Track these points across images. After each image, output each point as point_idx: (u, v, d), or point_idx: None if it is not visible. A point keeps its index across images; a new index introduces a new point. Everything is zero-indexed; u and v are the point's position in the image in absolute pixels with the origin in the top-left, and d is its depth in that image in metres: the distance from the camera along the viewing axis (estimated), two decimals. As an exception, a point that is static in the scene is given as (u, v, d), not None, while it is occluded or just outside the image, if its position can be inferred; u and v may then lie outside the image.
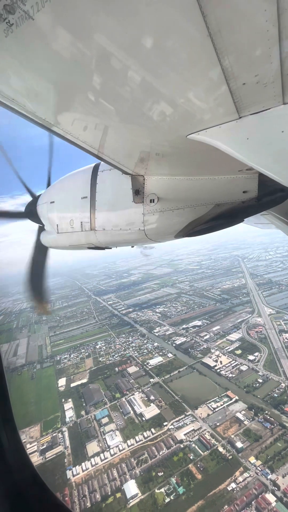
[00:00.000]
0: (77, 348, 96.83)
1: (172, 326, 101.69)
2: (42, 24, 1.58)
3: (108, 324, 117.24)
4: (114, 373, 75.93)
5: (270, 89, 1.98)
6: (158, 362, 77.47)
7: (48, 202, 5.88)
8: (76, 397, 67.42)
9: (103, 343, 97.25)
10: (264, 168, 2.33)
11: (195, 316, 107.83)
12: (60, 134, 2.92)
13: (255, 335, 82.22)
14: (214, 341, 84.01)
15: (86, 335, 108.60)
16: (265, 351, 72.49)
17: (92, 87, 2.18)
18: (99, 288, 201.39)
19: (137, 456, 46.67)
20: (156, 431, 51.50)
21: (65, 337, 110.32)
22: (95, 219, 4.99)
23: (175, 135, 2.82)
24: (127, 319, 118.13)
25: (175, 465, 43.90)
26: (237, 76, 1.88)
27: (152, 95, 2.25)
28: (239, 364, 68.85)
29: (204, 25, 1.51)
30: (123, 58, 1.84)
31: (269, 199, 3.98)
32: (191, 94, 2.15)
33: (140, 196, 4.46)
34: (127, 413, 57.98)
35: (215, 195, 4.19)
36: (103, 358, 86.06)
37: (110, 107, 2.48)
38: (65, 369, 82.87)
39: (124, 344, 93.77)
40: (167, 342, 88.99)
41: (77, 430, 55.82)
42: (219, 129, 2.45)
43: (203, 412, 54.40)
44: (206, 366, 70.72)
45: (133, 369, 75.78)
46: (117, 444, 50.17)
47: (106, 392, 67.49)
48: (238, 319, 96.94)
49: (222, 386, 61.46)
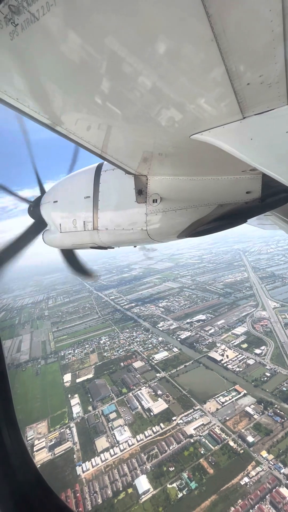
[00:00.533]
0: (81, 344, 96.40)
1: (176, 320, 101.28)
2: (48, 26, 1.61)
3: (111, 319, 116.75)
4: (120, 368, 75.56)
5: (274, 89, 1.96)
6: (163, 356, 77.10)
7: (51, 201, 5.87)
8: (82, 393, 67.04)
9: (107, 338, 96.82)
10: (267, 169, 2.31)
11: (198, 310, 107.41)
12: (64, 134, 2.90)
13: (261, 329, 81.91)
14: (219, 335, 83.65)
15: (89, 330, 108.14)
16: (271, 344, 72.19)
17: (96, 87, 2.20)
18: (100, 283, 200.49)
19: (147, 451, 46.36)
20: (165, 426, 51.20)
21: (68, 332, 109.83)
22: (98, 219, 4.96)
23: (179, 135, 2.80)
24: (130, 314, 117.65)
25: (186, 460, 43.63)
26: (241, 76, 1.87)
27: (155, 96, 2.23)
28: (246, 358, 68.52)
29: (208, 25, 1.51)
30: (127, 59, 1.84)
31: (273, 200, 3.93)
32: (195, 94, 2.14)
33: (143, 196, 4.41)
34: (135, 408, 57.65)
35: (218, 196, 4.14)
36: (107, 353, 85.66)
37: (113, 107, 2.46)
38: (70, 365, 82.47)
39: (129, 339, 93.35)
40: (172, 337, 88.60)
41: (85, 426, 55.48)
42: (222, 129, 2.42)
43: (212, 406, 54.10)
44: (212, 360, 70.41)
45: (138, 364, 75.41)
46: (126, 439, 49.87)
47: (112, 387, 67.13)
48: (242, 313, 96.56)
49: (229, 380, 61.16)
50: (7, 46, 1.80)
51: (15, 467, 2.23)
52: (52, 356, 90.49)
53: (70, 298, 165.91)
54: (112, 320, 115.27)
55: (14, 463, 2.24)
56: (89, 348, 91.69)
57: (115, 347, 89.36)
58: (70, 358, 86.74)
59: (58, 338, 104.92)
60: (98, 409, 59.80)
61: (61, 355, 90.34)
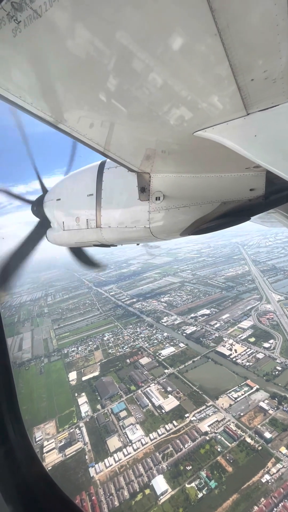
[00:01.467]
0: (84, 341, 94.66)
1: (180, 315, 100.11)
2: (50, 23, 1.61)
3: (113, 315, 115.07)
4: (126, 365, 74.14)
5: (279, 85, 1.95)
6: (170, 352, 75.87)
7: (55, 199, 5.87)
8: (89, 391, 65.51)
9: (111, 335, 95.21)
10: (272, 166, 2.28)
11: (202, 304, 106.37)
12: (66, 131, 2.87)
13: (267, 322, 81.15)
14: (225, 329, 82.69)
15: (91, 327, 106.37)
16: (279, 338, 71.45)
17: (99, 84, 2.18)
18: (99, 279, 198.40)
19: (161, 450, 45.16)
20: (178, 424, 50.03)
21: (70, 329, 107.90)
22: (100, 217, 4.97)
23: (182, 132, 2.77)
24: (132, 310, 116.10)
25: (203, 458, 42.54)
26: (245, 72, 1.85)
27: (159, 92, 2.21)
28: (255, 352, 67.64)
29: (212, 20, 1.50)
30: (130, 55, 1.83)
31: (277, 197, 3.89)
32: (198, 90, 2.13)
33: (145, 193, 4.40)
34: (145, 406, 56.36)
35: (222, 193, 4.11)
36: (112, 350, 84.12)
37: (116, 104, 2.45)
38: (74, 363, 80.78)
39: (133, 335, 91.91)
40: (177, 332, 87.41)
41: (95, 425, 54.02)
42: (226, 126, 2.41)
43: (225, 402, 53.08)
44: (220, 355, 69.41)
45: (145, 360, 74.06)
46: (139, 438, 48.58)
47: (120, 384, 65.71)
48: (247, 306, 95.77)
49: (240, 375, 60.20)
50: (9, 43, 1.77)
51: (20, 461, 2.24)
52: (55, 354, 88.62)
53: (69, 295, 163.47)
54: (114, 316, 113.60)
55: (18, 457, 2.26)
56: (92, 345, 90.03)
57: (119, 343, 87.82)
58: (74, 356, 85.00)
59: (60, 336, 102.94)
60: (107, 407, 58.38)
61: (65, 352, 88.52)
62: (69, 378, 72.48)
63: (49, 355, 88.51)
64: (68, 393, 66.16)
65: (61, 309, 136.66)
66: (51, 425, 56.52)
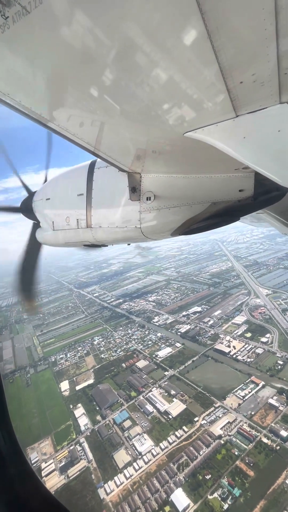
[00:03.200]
0: (72, 346, 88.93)
1: (171, 314, 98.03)
2: (39, 20, 1.59)
3: (100, 317, 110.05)
4: (122, 370, 70.21)
5: (267, 88, 1.97)
6: (167, 353, 73.27)
7: (44, 198, 5.82)
8: (86, 401, 60.68)
9: (101, 338, 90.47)
10: (260, 167, 2.31)
11: (192, 302, 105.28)
12: (56, 130, 2.83)
13: (260, 317, 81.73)
14: (219, 326, 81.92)
15: (78, 331, 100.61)
16: (275, 332, 71.91)
17: (88, 83, 2.16)
18: (80, 280, 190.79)
19: (175, 460, 42.21)
20: (189, 429, 47.43)
21: (55, 335, 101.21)
22: (91, 217, 4.93)
23: (172, 133, 2.77)
24: (120, 311, 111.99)
25: (221, 464, 40.29)
26: (234, 75, 1.87)
27: (148, 93, 2.19)
28: (254, 347, 67.27)
29: (202, 22, 1.51)
30: (120, 55, 1.82)
31: (265, 198, 3.92)
32: (188, 92, 2.13)
33: (136, 193, 4.35)
34: (150, 413, 53.05)
35: (212, 194, 4.11)
36: (105, 355, 79.56)
37: (106, 104, 2.43)
38: (65, 371, 75.08)
39: (125, 337, 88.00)
40: (171, 331, 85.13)
41: (97, 439, 49.63)
42: (216, 127, 2.41)
43: (233, 401, 51.47)
44: (220, 352, 68.15)
45: (142, 363, 70.69)
46: (148, 449, 45.18)
47: (119, 391, 61.69)
48: (237, 301, 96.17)
49: (243, 372, 59.19)
50: None
51: (7, 459, 2.19)
52: (42, 363, 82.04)
53: (49, 298, 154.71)
54: (101, 318, 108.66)
55: (5, 455, 2.21)
56: (82, 351, 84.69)
57: (111, 347, 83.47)
58: (63, 364, 79.18)
59: (44, 343, 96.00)
60: (108, 418, 54.17)
61: (52, 360, 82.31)
62: (61, 389, 66.94)
63: (35, 365, 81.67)
64: (62, 406, 60.82)
65: (42, 314, 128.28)
66: (47, 444, 51.11)
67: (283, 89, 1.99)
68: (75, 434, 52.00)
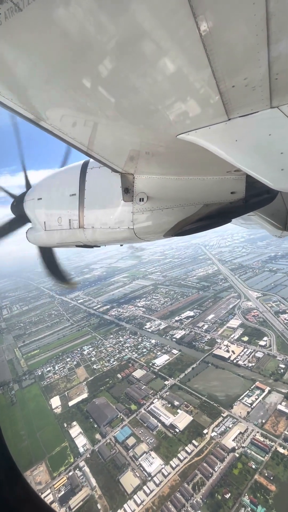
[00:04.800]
0: (60, 358, 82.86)
1: (163, 319, 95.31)
2: (31, 17, 1.58)
3: (87, 325, 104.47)
4: (118, 381, 65.93)
5: (258, 93, 2.00)
6: (164, 361, 70.18)
7: (36, 198, 5.78)
8: (81, 418, 55.64)
9: (91, 348, 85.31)
10: (251, 170, 2.34)
11: (182, 306, 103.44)
12: (48, 129, 2.80)
13: (254, 320, 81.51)
14: (215, 330, 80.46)
15: (65, 340, 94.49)
16: (271, 334, 71.66)
17: (80, 83, 2.13)
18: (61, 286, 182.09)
19: (189, 479, 38.97)
20: (199, 443, 44.49)
21: (39, 345, 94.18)
22: (83, 217, 4.90)
23: (165, 134, 2.78)
24: (109, 318, 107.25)
25: (240, 480, 37.71)
26: (226, 78, 1.89)
27: (142, 94, 2.20)
28: (253, 351, 66.26)
29: (195, 26, 1.53)
30: (113, 56, 1.82)
31: (256, 200, 3.97)
32: (181, 94, 2.15)
33: (129, 194, 4.34)
34: (155, 427, 49.43)
35: (204, 196, 4.13)
36: (97, 365, 74.65)
37: (99, 104, 2.42)
38: (54, 385, 69.15)
39: (117, 345, 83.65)
40: (166, 338, 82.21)
41: (99, 461, 45.03)
42: (208, 130, 2.43)
43: (241, 410, 49.44)
44: (219, 358, 66.35)
45: (139, 373, 66.94)
46: (158, 468, 41.54)
47: (117, 405, 57.36)
48: (228, 305, 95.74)
49: (246, 377, 57.65)
50: None
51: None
52: (27, 377, 75.23)
53: (29, 306, 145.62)
54: (89, 326, 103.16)
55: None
56: (71, 362, 79.02)
57: (103, 356, 78.68)
58: (51, 377, 73.11)
59: (28, 354, 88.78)
60: (109, 436, 49.72)
61: (38, 374, 75.88)
62: (52, 406, 61.23)
63: (20, 380, 74.63)
64: (55, 425, 55.26)
65: (23, 323, 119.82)
66: (41, 471, 45.53)
67: (274, 94, 2.01)
68: (73, 457, 46.95)
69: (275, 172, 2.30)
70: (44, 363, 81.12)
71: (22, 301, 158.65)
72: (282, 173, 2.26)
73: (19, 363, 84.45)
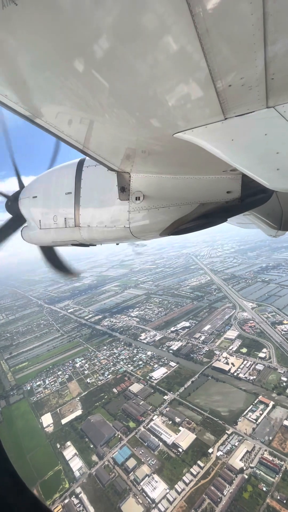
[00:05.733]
0: (50, 371, 78.44)
1: (158, 330, 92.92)
2: (26, 12, 1.54)
3: (79, 336, 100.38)
4: (114, 396, 62.56)
5: (254, 92, 2.02)
6: (162, 374, 67.48)
7: (31, 196, 5.69)
8: (76, 438, 51.82)
9: (83, 360, 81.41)
10: (247, 170, 2.34)
11: (177, 317, 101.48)
12: (44, 126, 2.74)
13: (251, 331, 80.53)
14: (212, 341, 78.73)
15: (55, 352, 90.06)
16: (270, 346, 70.66)
17: (76, 80, 2.10)
18: (49, 295, 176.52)
19: (197, 505, 36.22)
20: (204, 463, 41.93)
21: (28, 357, 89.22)
22: (79, 216, 4.87)
23: (162, 133, 2.77)
24: (101, 328, 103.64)
25: (251, 505, 35.34)
26: (223, 77, 1.90)
27: (138, 93, 2.19)
28: (253, 363, 64.84)
29: (192, 24, 1.53)
30: (109, 54, 1.80)
31: (252, 200, 3.99)
32: (178, 93, 2.13)
33: (125, 193, 4.33)
34: (156, 447, 46.48)
35: (200, 195, 4.15)
36: (91, 379, 70.89)
37: (95, 102, 2.39)
38: (45, 401, 64.81)
39: (111, 357, 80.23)
40: (162, 349, 79.70)
41: (97, 487, 41.48)
42: (205, 129, 2.43)
43: (246, 426, 47.41)
44: (219, 370, 64.43)
45: (136, 387, 63.86)
46: (163, 494, 38.58)
47: (114, 423, 53.98)
48: (224, 315, 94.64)
49: (248, 391, 55.88)
50: None
51: None
52: (15, 393, 70.40)
53: (15, 315, 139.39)
54: (81, 337, 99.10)
55: None
56: (63, 376, 74.84)
57: (97, 369, 75.04)
58: (42, 392, 68.67)
59: (16, 367, 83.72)
60: (107, 457, 46.24)
61: (27, 389, 71.16)
62: (43, 424, 56.94)
63: (7, 395, 69.66)
64: (47, 446, 51.15)
65: (10, 333, 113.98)
66: (32, 499, 41.18)
67: (270, 94, 2.02)
68: (68, 482, 43.15)
69: (270, 172, 2.26)
70: (33, 377, 76.39)
71: (8, 310, 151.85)
72: (278, 172, 2.22)
73: (6, 376, 79.18)
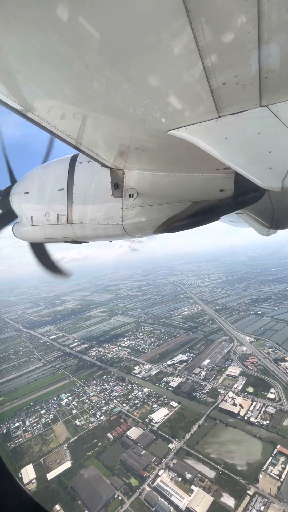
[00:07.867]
0: (31, 409, 67.79)
1: (153, 363, 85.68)
2: (14, 3, 1.51)
3: (64, 367, 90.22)
4: (110, 443, 53.76)
5: (248, 91, 2.03)
6: (163, 416, 59.95)
7: (22, 192, 5.66)
8: (66, 499, 42.38)
9: (70, 397, 71.71)
10: (240, 168, 2.36)
11: (172, 348, 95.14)
12: (36, 121, 2.69)
13: (254, 368, 76.00)
14: (214, 378, 72.90)
15: (37, 385, 79.28)
16: (278, 386, 66.16)
17: (70, 74, 2.08)
18: (29, 318, 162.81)
19: None
20: (228, 537, 34.73)
21: (4, 391, 77.58)
22: (72, 212, 4.85)
23: (156, 130, 2.76)
24: (89, 359, 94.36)
25: None
26: (217, 75, 1.90)
27: (132, 89, 2.17)
28: (263, 405, 59.61)
29: (187, 20, 1.52)
30: (104, 49, 1.78)
31: (244, 198, 4.00)
32: (172, 90, 2.15)
33: (119, 190, 4.33)
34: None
35: (193, 193, 4.16)
36: (80, 420, 61.47)
37: (89, 97, 2.36)
38: (25, 449, 54.41)
39: (102, 394, 71.31)
40: (160, 386, 72.38)
41: None
42: (199, 126, 2.44)
43: (269, 484, 41.17)
44: (227, 413, 58.32)
45: (135, 432, 55.69)
46: None
47: (112, 479, 45.27)
48: (222, 349, 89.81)
49: (264, 440, 50.08)
50: None
51: None
52: (-12, 437, 58.86)
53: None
54: (66, 368, 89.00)
55: None
56: (47, 415, 64.66)
57: (87, 409, 65.74)
58: (21, 436, 57.96)
59: (-11, 404, 71.65)
60: (106, 528, 37.48)
61: (3, 432, 59.97)
62: (23, 479, 46.60)
63: (-23, 440, 57.99)
64: (28, 511, 40.99)
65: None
66: None
67: (263, 93, 2.02)
68: None
69: (263, 171, 2.26)
70: (10, 416, 65.22)
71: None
72: (270, 171, 2.22)
73: (-24, 415, 67.18)
